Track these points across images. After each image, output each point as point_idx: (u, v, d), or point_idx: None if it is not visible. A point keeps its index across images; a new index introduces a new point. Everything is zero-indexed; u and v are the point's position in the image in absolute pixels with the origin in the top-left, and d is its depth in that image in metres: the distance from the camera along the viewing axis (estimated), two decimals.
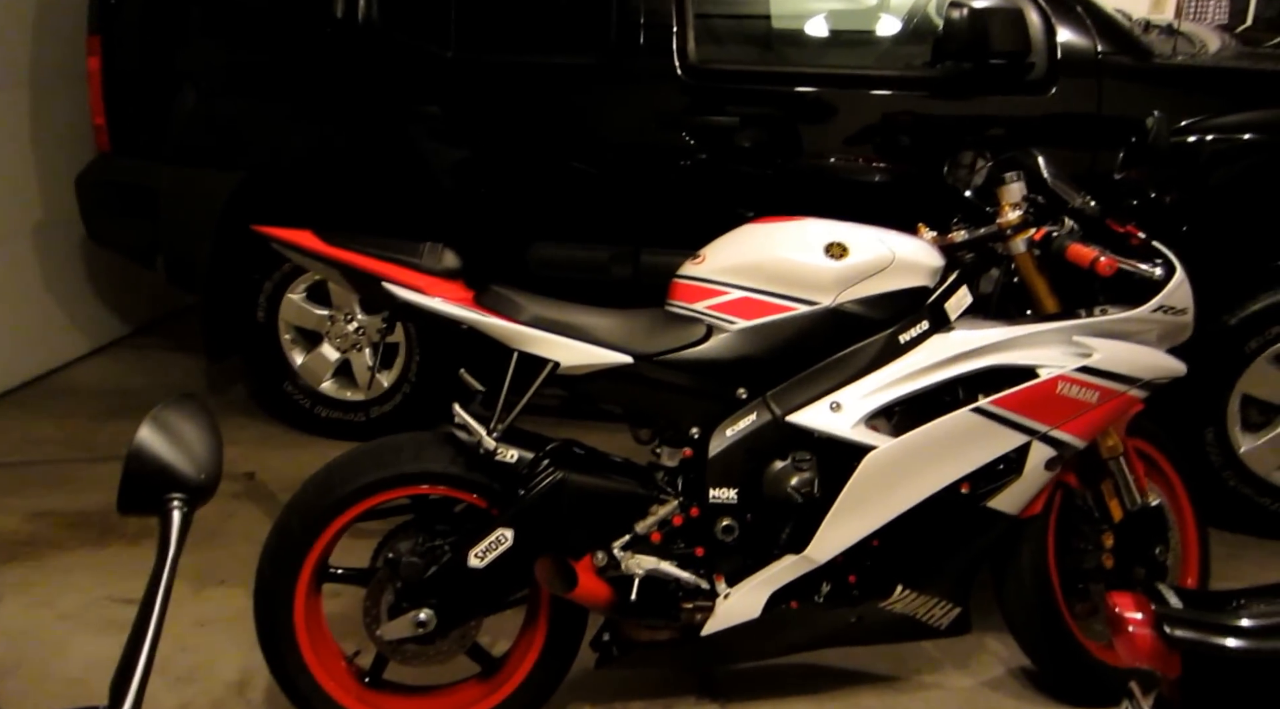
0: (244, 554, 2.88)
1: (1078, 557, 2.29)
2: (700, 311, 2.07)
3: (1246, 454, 2.90)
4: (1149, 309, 2.06)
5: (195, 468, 1.03)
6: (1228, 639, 1.35)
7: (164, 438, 1.03)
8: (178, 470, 1.02)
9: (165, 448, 1.02)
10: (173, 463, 1.02)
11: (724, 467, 2.05)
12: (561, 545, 2.00)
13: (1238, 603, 1.44)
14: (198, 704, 2.30)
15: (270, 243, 2.07)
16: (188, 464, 1.02)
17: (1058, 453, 2.07)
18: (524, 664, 2.13)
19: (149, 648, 0.92)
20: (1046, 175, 2.13)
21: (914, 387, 2.03)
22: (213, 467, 1.05)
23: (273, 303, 3.46)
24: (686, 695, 2.31)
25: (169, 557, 0.98)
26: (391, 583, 2.03)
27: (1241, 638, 1.34)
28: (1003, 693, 2.34)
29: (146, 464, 1.01)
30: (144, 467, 1.01)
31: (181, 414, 1.07)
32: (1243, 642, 1.34)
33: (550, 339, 1.99)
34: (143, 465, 1.01)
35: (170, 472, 1.01)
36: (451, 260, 2.03)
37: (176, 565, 0.98)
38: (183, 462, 1.02)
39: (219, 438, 1.09)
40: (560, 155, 3.20)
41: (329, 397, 3.52)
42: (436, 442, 2.03)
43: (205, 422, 1.09)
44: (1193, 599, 1.43)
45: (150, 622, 0.94)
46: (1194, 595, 1.44)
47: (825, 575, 2.09)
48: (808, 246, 2.05)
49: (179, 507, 1.00)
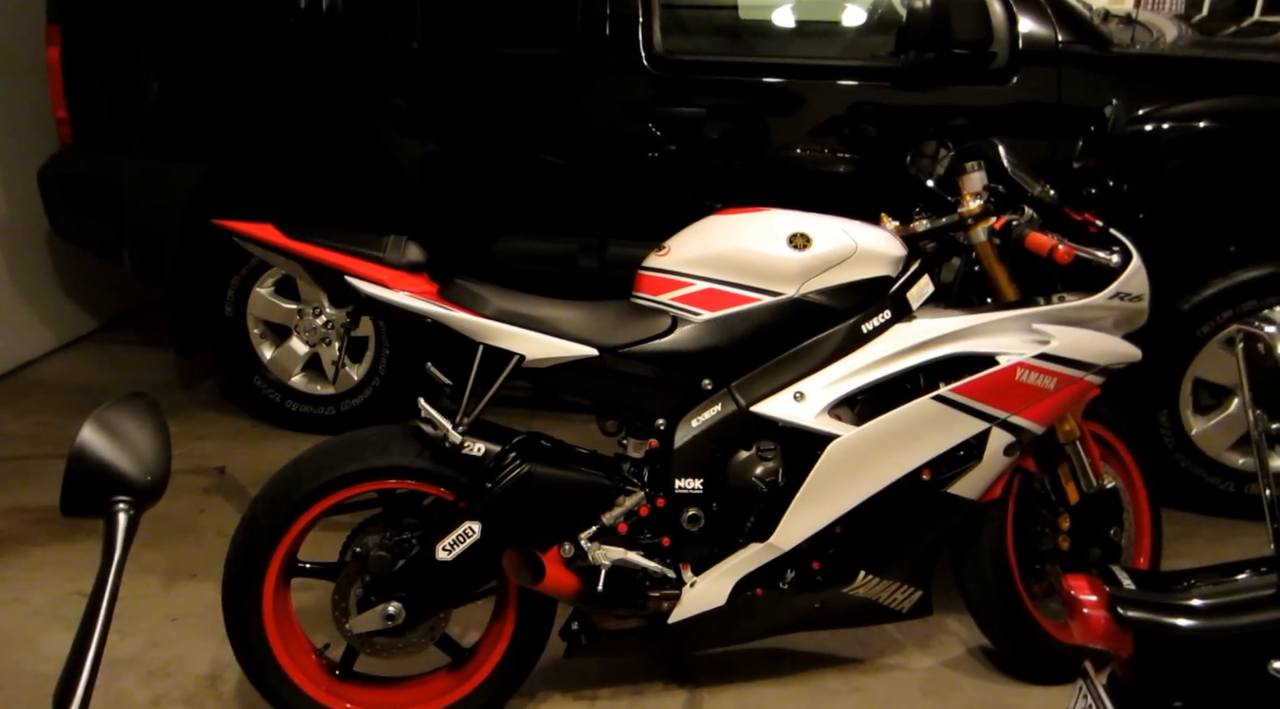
0: (215, 548, 2.89)
1: (1035, 539, 2.33)
2: (665, 303, 2.09)
3: (1198, 436, 2.96)
4: (1106, 296, 2.10)
5: (140, 469, 1.00)
6: (1178, 619, 1.39)
7: (108, 438, 1.00)
8: (122, 472, 0.99)
9: (109, 449, 0.99)
10: (116, 464, 0.99)
11: (689, 457, 2.07)
12: (529, 537, 2.01)
13: (1187, 584, 1.48)
14: (170, 698, 2.30)
15: (231, 237, 2.06)
16: (132, 465, 1.00)
17: (1016, 439, 2.11)
18: (493, 654, 2.15)
19: (94, 655, 0.90)
20: (1006, 164, 2.16)
21: (876, 375, 2.06)
22: (159, 467, 1.02)
23: (241, 297, 3.45)
24: (655, 681, 2.35)
25: (114, 561, 0.95)
26: (360, 577, 2.05)
27: (1190, 617, 1.39)
28: (962, 672, 2.39)
29: (89, 465, 0.98)
30: (87, 468, 0.98)
31: (127, 414, 1.04)
32: (1191, 621, 1.38)
33: (515, 332, 2.00)
34: (85, 467, 0.98)
35: (114, 473, 0.99)
36: (415, 254, 2.04)
37: (122, 570, 0.96)
38: (127, 463, 0.99)
39: (167, 437, 1.06)
40: (527, 147, 3.20)
41: (299, 390, 3.52)
42: (403, 436, 2.04)
43: (152, 421, 1.06)
44: (1144, 580, 1.47)
45: (95, 628, 0.91)
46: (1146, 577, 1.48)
47: (790, 562, 2.13)
48: (771, 237, 2.07)
49: (124, 509, 0.98)
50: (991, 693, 2.32)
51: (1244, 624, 1.37)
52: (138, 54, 3.44)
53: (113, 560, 0.94)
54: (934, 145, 2.40)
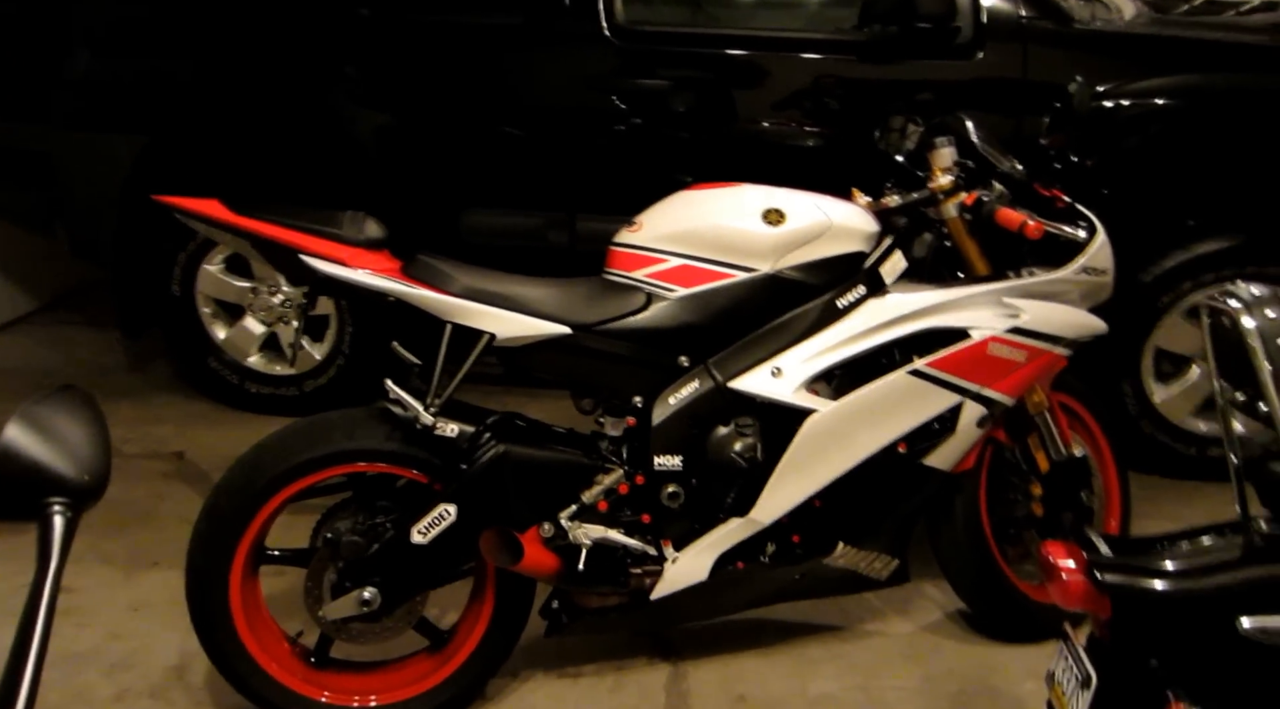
0: (177, 535, 2.80)
1: (1009, 506, 2.37)
2: (639, 280, 2.07)
3: (1161, 403, 3.03)
4: (1073, 270, 2.13)
5: (76, 468, 0.92)
6: (1152, 581, 1.43)
7: (37, 436, 0.92)
8: (55, 471, 0.91)
9: (39, 447, 0.92)
10: (49, 463, 0.91)
11: (668, 434, 2.06)
12: (506, 518, 1.99)
13: (1160, 548, 1.53)
14: (136, 691, 2.25)
15: (174, 213, 1.98)
16: (67, 464, 0.92)
17: (989, 411, 2.13)
18: (473, 636, 2.13)
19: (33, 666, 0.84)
20: (976, 140, 2.17)
21: (852, 350, 2.07)
22: (98, 465, 0.95)
23: (188, 275, 3.35)
24: (638, 656, 2.34)
25: (50, 566, 0.87)
26: (333, 562, 2.01)
27: (1164, 580, 1.43)
28: (942, 635, 2.43)
29: (16, 466, 0.90)
30: (14, 469, 0.90)
31: (58, 408, 0.96)
32: (1165, 583, 1.42)
33: (485, 311, 1.96)
34: (12, 467, 0.90)
35: (46, 473, 0.91)
36: (375, 229, 1.98)
37: (60, 576, 0.88)
38: (61, 461, 0.92)
39: (105, 432, 0.99)
40: (487, 119, 3.15)
41: (257, 371, 3.44)
42: (372, 418, 2.00)
43: (87, 415, 0.98)
44: (1120, 546, 1.51)
45: (33, 639, 0.84)
46: (1121, 542, 1.52)
47: (770, 536, 2.13)
48: (745, 213, 2.06)
49: (60, 511, 0.90)
50: (970, 654, 2.36)
51: (1214, 585, 1.42)
52: (70, 20, 3.30)
53: (49, 566, 0.87)
54: (901, 120, 2.40)
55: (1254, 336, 1.39)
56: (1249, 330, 1.39)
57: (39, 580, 0.86)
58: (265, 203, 1.94)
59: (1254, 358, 1.39)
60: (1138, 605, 1.43)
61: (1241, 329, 1.40)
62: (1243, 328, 1.40)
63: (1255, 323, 1.40)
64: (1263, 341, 1.39)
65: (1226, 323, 1.45)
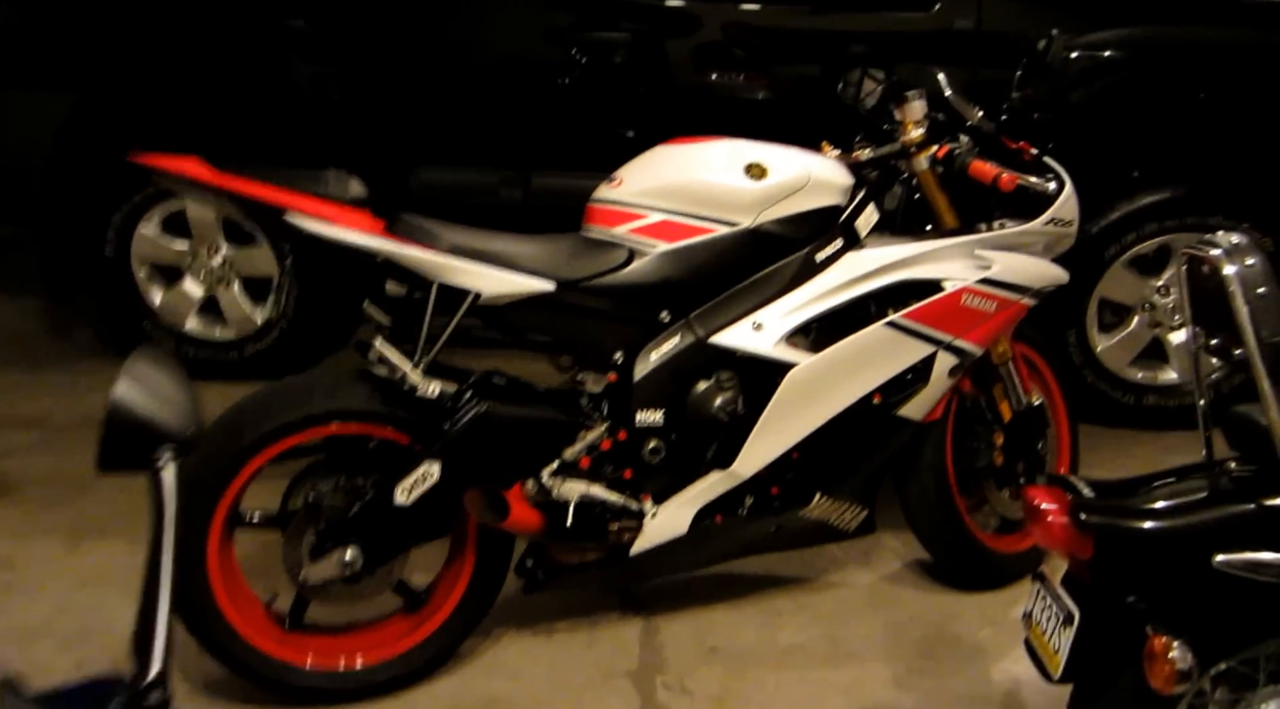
0: (120, 505, 2.72)
1: (971, 455, 2.44)
2: (620, 236, 2.06)
3: (1103, 353, 3.14)
4: (1042, 222, 2.19)
5: (179, 419, 0.98)
6: (1133, 521, 1.50)
7: (143, 391, 0.98)
8: (162, 424, 0.97)
9: (146, 401, 0.97)
10: (156, 416, 0.97)
11: (649, 390, 2.06)
12: (490, 476, 1.97)
13: (1138, 490, 1.60)
14: (95, 662, 2.17)
15: (152, 173, 1.91)
16: (171, 416, 0.98)
17: (960, 361, 2.18)
18: (452, 595, 2.11)
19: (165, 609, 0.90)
20: (948, 93, 2.20)
21: (831, 304, 2.10)
22: (195, 416, 1.00)
23: (123, 236, 3.20)
24: (610, 612, 2.36)
25: (167, 515, 0.93)
26: (313, 524, 1.97)
27: (1144, 519, 1.50)
28: (902, 585, 2.49)
29: (129, 420, 0.96)
30: (127, 423, 0.96)
31: (154, 364, 1.02)
32: (1146, 522, 1.49)
33: (473, 268, 1.93)
34: (126, 422, 0.96)
35: (155, 426, 0.96)
36: (358, 188, 1.94)
37: (176, 523, 0.94)
38: (166, 414, 0.97)
39: (193, 385, 1.04)
40: (436, 73, 3.07)
41: (195, 336, 3.31)
42: (350, 379, 1.96)
43: (178, 369, 1.04)
44: (1101, 489, 1.58)
45: (161, 583, 0.90)
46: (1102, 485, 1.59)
47: (748, 489, 2.16)
48: (728, 168, 2.06)
49: (169, 462, 0.96)
50: (931, 602, 2.43)
51: (1190, 524, 1.49)
52: None
53: (165, 514, 0.93)
54: (859, 74, 2.41)
55: (1234, 282, 1.44)
56: (1229, 277, 1.44)
57: (157, 528, 0.92)
58: (244, 161, 1.89)
59: (1233, 303, 1.44)
60: (1119, 545, 1.50)
61: (1222, 275, 1.45)
62: (1223, 274, 1.45)
63: (1235, 269, 1.45)
64: (1242, 287, 1.44)
65: (1205, 270, 1.50)
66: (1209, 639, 1.47)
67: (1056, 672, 1.55)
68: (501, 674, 2.16)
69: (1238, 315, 1.44)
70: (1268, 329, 1.43)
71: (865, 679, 2.17)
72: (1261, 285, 1.44)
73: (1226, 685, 1.56)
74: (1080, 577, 1.56)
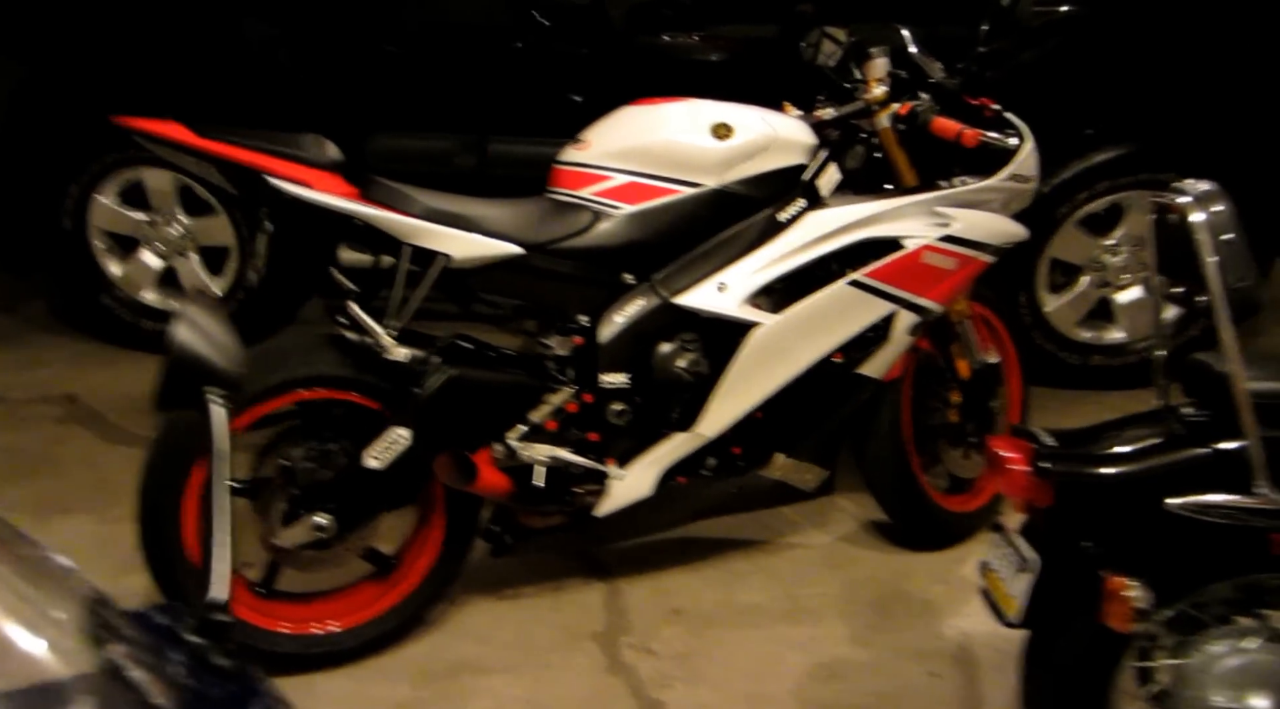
0: (83, 480, 2.70)
1: (928, 414, 2.48)
2: (585, 198, 2.07)
3: (1051, 313, 3.17)
4: (1002, 177, 2.21)
5: (229, 362, 1.05)
6: (1093, 468, 1.55)
7: (198, 334, 1.04)
8: (215, 365, 1.04)
9: (202, 344, 1.04)
10: (210, 358, 1.04)
11: (614, 352, 2.08)
12: (459, 440, 1.99)
13: (1095, 438, 1.65)
14: None
15: (133, 136, 1.91)
16: (222, 359, 1.05)
17: (920, 319, 2.22)
18: (421, 560, 2.13)
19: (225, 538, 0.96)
20: (912, 50, 2.21)
21: (794, 263, 2.12)
22: (241, 360, 1.08)
23: (80, 207, 3.15)
24: (574, 577, 2.38)
25: (219, 450, 1.00)
26: (285, 490, 1.97)
27: (1103, 466, 1.55)
28: (858, 545, 2.54)
29: (188, 361, 1.03)
30: (185, 364, 1.03)
31: (206, 311, 1.09)
32: (1104, 469, 1.55)
33: (446, 232, 1.94)
34: (184, 362, 1.03)
35: (208, 367, 1.03)
36: (334, 152, 1.95)
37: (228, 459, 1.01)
38: (218, 356, 1.04)
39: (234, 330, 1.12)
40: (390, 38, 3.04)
41: (153, 308, 3.28)
42: (325, 344, 1.97)
43: (225, 316, 1.12)
44: (1061, 438, 1.63)
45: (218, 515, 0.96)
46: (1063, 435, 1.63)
47: (711, 450, 2.19)
48: (694, 128, 2.07)
49: (219, 401, 1.02)
50: (885, 562, 2.48)
51: (1143, 469, 1.54)
52: None
53: (218, 450, 1.00)
54: (817, 33, 2.41)
55: (1201, 229, 1.47)
56: (1197, 224, 1.47)
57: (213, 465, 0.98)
58: (223, 126, 1.89)
59: (1200, 249, 1.46)
60: (1077, 491, 1.55)
61: (1189, 223, 1.48)
62: (1190, 222, 1.47)
63: (1202, 216, 1.47)
64: (1209, 234, 1.46)
65: (1173, 219, 1.53)
66: (1162, 582, 1.52)
67: (1015, 615, 1.59)
68: (470, 638, 2.19)
69: (1203, 262, 1.46)
70: (1233, 275, 1.45)
71: (822, 636, 2.22)
72: (1227, 232, 1.46)
73: (1175, 630, 1.62)
74: (1039, 525, 1.61)
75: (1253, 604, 1.57)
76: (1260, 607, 1.56)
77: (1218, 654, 1.54)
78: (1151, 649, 1.61)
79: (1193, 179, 1.52)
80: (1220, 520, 1.48)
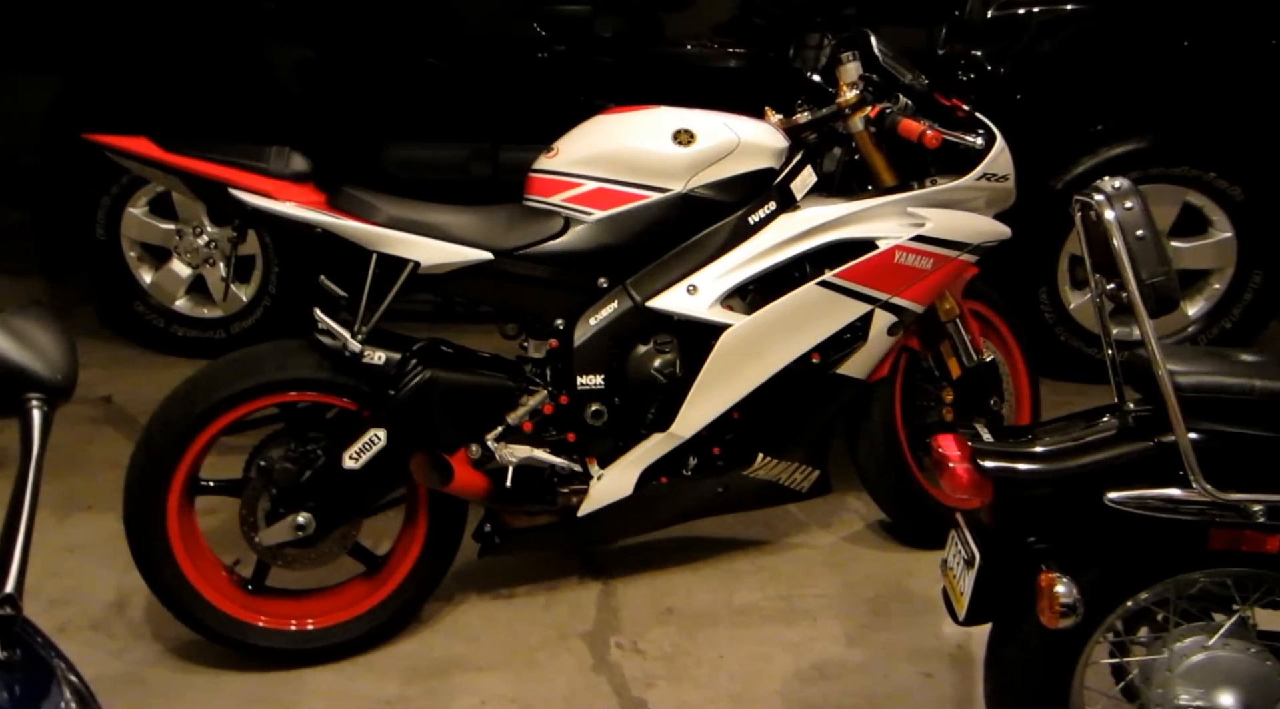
0: (108, 479, 2.81)
1: (922, 413, 2.46)
2: (557, 204, 2.10)
3: (1075, 310, 3.12)
4: (973, 177, 2.19)
5: (50, 369, 1.03)
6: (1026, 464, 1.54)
7: (13, 341, 1.03)
8: (32, 371, 1.02)
9: (16, 350, 1.02)
10: (26, 364, 1.02)
11: (589, 354, 2.11)
12: (435, 441, 2.03)
13: (1036, 434, 1.64)
14: (76, 624, 2.27)
15: (104, 152, 1.99)
16: (42, 365, 1.03)
17: (899, 318, 2.20)
18: (407, 559, 2.18)
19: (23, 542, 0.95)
20: (878, 53, 2.21)
21: (765, 265, 2.13)
22: (68, 368, 1.05)
23: (113, 218, 3.30)
24: (569, 576, 2.41)
25: (33, 455, 0.99)
26: (266, 490, 2.04)
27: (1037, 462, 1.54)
28: (862, 545, 2.53)
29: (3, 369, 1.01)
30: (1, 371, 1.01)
31: (29, 319, 1.07)
32: (1038, 465, 1.54)
33: (409, 239, 1.99)
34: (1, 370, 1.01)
35: (24, 372, 1.02)
36: (300, 163, 2.00)
37: (42, 463, 0.99)
38: (36, 363, 1.02)
39: (72, 341, 1.10)
40: (409, 50, 3.12)
41: (184, 314, 3.41)
42: (301, 349, 2.03)
43: (55, 325, 1.09)
44: (1002, 434, 1.61)
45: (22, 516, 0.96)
46: (1004, 430, 1.62)
47: (691, 450, 2.20)
48: (656, 135, 2.09)
49: (38, 406, 1.01)
50: (887, 561, 2.46)
51: (1082, 464, 1.53)
52: None
53: (31, 454, 0.98)
54: (817, 37, 2.42)
55: (1114, 227, 1.47)
56: (1109, 221, 1.48)
57: (24, 467, 0.97)
58: (193, 139, 1.96)
59: (1113, 246, 1.47)
60: (1015, 488, 1.53)
61: (1104, 221, 1.48)
62: (1105, 219, 1.48)
63: (1114, 213, 1.48)
64: (1121, 231, 1.47)
65: (1094, 216, 1.53)
66: (1108, 578, 1.51)
67: (961, 613, 1.58)
68: (461, 636, 2.23)
69: (1117, 257, 1.47)
70: (1147, 270, 1.46)
71: (816, 636, 2.22)
72: (1140, 228, 1.47)
73: (1147, 626, 1.60)
74: (986, 521, 1.60)
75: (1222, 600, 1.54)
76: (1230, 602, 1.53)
77: (1185, 651, 1.52)
78: (1126, 646, 1.60)
79: (1109, 177, 1.52)
80: (1158, 514, 1.46)
